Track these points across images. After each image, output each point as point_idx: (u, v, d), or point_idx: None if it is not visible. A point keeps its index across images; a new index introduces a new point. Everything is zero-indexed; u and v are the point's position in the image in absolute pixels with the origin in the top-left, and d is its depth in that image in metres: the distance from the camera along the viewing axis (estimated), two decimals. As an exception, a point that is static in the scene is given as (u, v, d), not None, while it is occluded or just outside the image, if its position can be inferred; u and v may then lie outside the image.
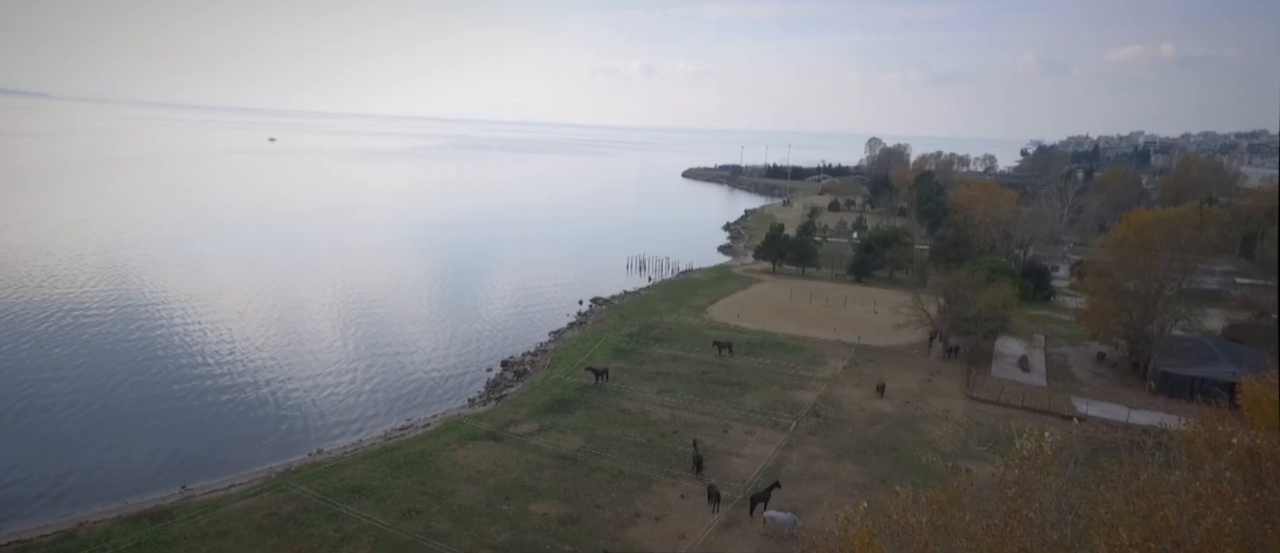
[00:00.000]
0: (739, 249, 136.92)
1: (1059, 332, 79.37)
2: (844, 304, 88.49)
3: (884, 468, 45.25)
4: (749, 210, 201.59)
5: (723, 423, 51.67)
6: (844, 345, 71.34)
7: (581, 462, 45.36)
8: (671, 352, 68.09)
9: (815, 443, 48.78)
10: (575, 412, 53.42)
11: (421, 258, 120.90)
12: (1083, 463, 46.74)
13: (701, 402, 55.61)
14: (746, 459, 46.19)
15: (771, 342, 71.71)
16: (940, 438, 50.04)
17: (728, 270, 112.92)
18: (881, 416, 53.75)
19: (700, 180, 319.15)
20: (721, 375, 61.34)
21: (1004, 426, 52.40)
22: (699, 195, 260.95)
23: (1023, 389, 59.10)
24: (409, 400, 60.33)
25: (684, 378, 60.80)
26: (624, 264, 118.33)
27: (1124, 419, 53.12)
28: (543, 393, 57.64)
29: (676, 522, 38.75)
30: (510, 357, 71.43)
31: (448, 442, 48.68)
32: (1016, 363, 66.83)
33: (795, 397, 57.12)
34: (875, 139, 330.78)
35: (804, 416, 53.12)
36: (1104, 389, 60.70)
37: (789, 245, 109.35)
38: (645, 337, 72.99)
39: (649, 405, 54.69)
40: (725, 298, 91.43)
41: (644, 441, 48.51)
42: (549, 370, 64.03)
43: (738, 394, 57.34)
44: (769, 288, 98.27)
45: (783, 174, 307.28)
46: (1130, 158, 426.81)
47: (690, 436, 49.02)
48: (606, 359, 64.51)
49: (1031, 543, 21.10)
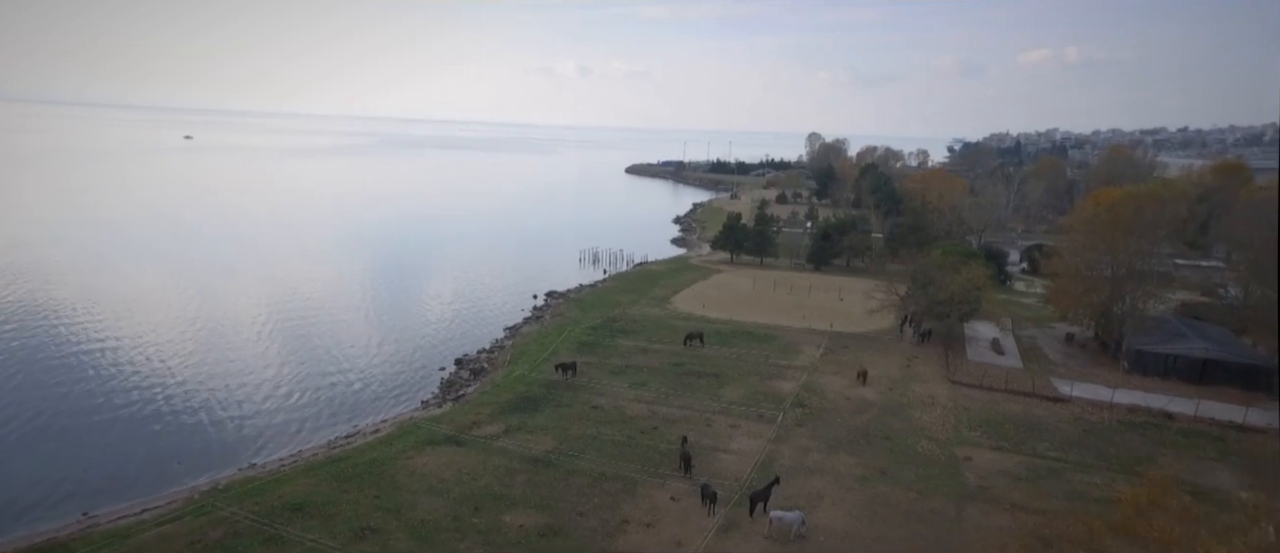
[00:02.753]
0: (693, 240, 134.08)
1: (1022, 315, 78.96)
2: (808, 292, 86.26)
3: (881, 459, 42.39)
4: (697, 204, 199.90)
5: (704, 417, 48.00)
6: (816, 333, 68.79)
7: (556, 465, 40.89)
8: (639, 344, 64.10)
9: (805, 435, 45.61)
10: (543, 410, 48.84)
11: (358, 257, 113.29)
12: (1076, 445, 45.14)
13: (678, 395, 51.83)
14: (735, 455, 42.61)
15: (742, 331, 68.54)
16: (931, 425, 47.61)
17: (685, 261, 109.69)
18: (867, 403, 51.08)
19: (644, 176, 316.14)
20: (696, 367, 57.72)
21: (992, 409, 50.59)
22: (645, 190, 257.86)
23: (1001, 372, 57.54)
24: (354, 405, 54.60)
25: (656, 371, 56.89)
26: (577, 257, 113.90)
27: (1109, 399, 51.98)
28: (506, 391, 52.79)
29: (670, 527, 34.79)
30: (465, 355, 66.16)
31: (403, 448, 43.45)
32: (990, 346, 65.59)
33: (776, 387, 53.95)
34: (815, 135, 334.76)
35: (789, 406, 49.94)
36: (1078, 370, 59.79)
37: (747, 235, 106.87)
38: (609, 329, 68.77)
39: (623, 401, 50.56)
40: (687, 288, 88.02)
41: (622, 439, 44.37)
42: (510, 367, 59.15)
43: (716, 386, 53.80)
44: (730, 277, 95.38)
45: (726, 169, 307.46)
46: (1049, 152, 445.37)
47: (673, 432, 45.18)
48: (572, 353, 60.08)
49: None
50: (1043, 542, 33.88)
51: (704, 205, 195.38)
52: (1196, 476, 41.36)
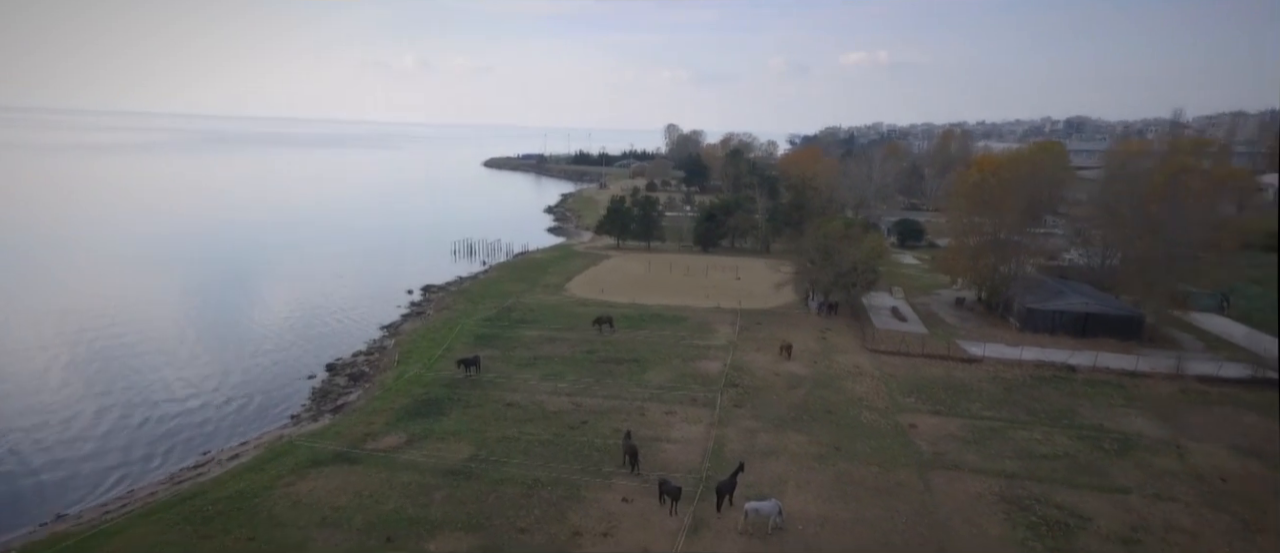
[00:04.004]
0: (571, 229, 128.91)
1: (908, 284, 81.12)
2: (705, 273, 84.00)
3: (830, 434, 39.87)
4: (566, 195, 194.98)
5: (635, 406, 43.40)
6: (725, 312, 66.25)
7: (479, 475, 34.67)
8: (544, 333, 58.32)
9: (747, 415, 42.29)
10: (450, 413, 42.09)
11: (181, 267, 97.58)
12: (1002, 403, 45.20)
13: (600, 384, 46.87)
14: (680, 444, 38.40)
15: (649, 314, 64.58)
16: (867, 395, 46.00)
17: (569, 249, 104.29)
18: (799, 378, 48.78)
19: (504, 170, 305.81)
20: (611, 353, 52.97)
21: (915, 375, 49.99)
22: (507, 183, 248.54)
23: (911, 338, 57.66)
24: (200, 429, 44.92)
25: (570, 360, 51.55)
26: (450, 250, 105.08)
27: (1017, 357, 53.19)
28: (400, 395, 45.32)
29: (630, 533, 29.91)
30: (338, 359, 57.29)
31: (278, 474, 35.36)
32: (891, 314, 66.13)
33: (702, 368, 50.42)
34: (673, 126, 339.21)
35: (723, 387, 46.50)
36: (977, 331, 61.33)
37: (633, 219, 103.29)
38: (506, 320, 62.34)
39: (540, 395, 44.83)
40: (580, 275, 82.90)
41: (550, 437, 38.78)
42: (399, 367, 51.35)
43: (638, 372, 49.37)
44: (621, 262, 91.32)
45: (589, 161, 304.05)
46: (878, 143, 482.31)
47: (604, 425, 40.27)
48: (470, 348, 53.26)
49: None
50: (1015, 504, 32.50)
51: (573, 196, 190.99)
52: (1115, 422, 42.41)
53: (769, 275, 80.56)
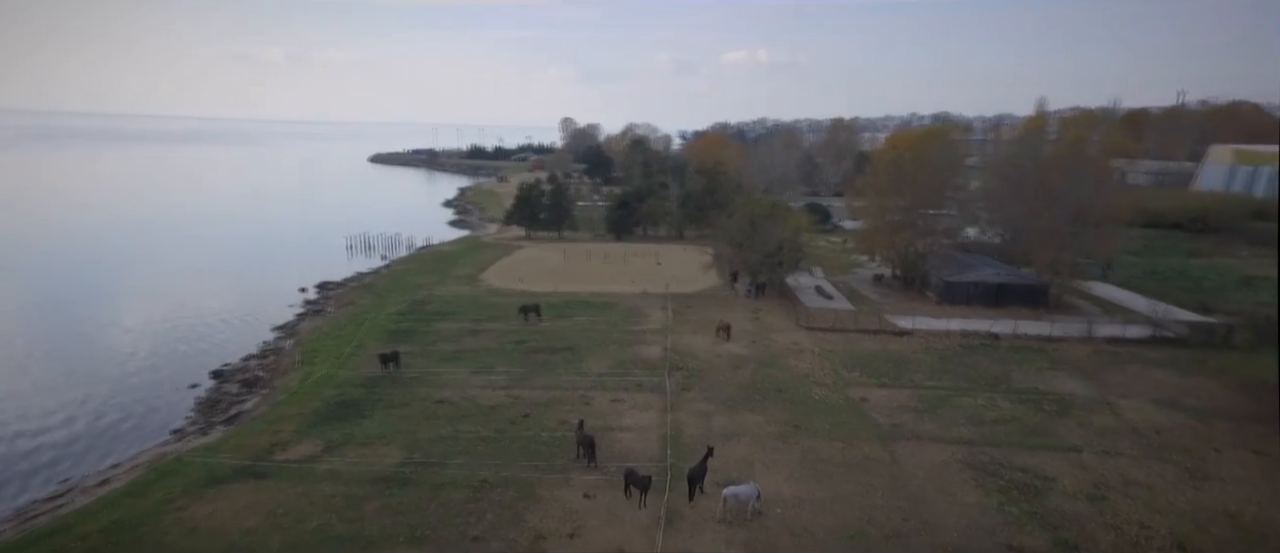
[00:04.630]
0: (475, 221, 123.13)
1: (825, 264, 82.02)
2: (624, 259, 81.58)
3: (785, 412, 38.43)
4: (464, 188, 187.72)
5: (578, 395, 40.35)
6: (653, 296, 64.10)
7: (416, 480, 30.63)
8: (465, 325, 53.99)
9: (697, 398, 40.19)
10: (372, 414, 37.48)
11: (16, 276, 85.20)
12: (941, 372, 45.51)
13: (537, 376, 43.44)
14: (634, 431, 35.75)
15: (576, 302, 61.42)
16: (812, 371, 45.05)
17: (477, 240, 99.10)
18: (742, 358, 47.26)
19: (393, 165, 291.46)
20: (543, 343, 49.53)
21: (853, 349, 49.69)
22: (398, 179, 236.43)
23: (842, 315, 57.69)
24: (58, 454, 38.02)
25: (499, 352, 47.73)
26: (344, 246, 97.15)
27: (944, 328, 54.13)
28: (308, 399, 40.08)
29: (599, 532, 27.00)
30: (226, 365, 50.64)
31: (165, 497, 29.97)
32: (816, 292, 66.23)
33: (641, 353, 47.95)
34: (569, 120, 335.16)
35: (668, 371, 44.20)
36: (900, 305, 62.28)
37: (543, 208, 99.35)
38: (421, 313, 57.42)
39: (472, 389, 40.89)
40: (494, 265, 78.44)
41: (491, 434, 35.11)
42: (304, 369, 45.75)
43: (575, 360, 46.27)
44: (536, 252, 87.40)
45: (485, 155, 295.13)
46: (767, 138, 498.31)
47: (548, 417, 37.04)
48: (385, 344, 48.32)
49: None
50: (981, 469, 32.09)
51: (472, 190, 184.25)
52: (1047, 384, 43.49)
53: (690, 260, 79.31)
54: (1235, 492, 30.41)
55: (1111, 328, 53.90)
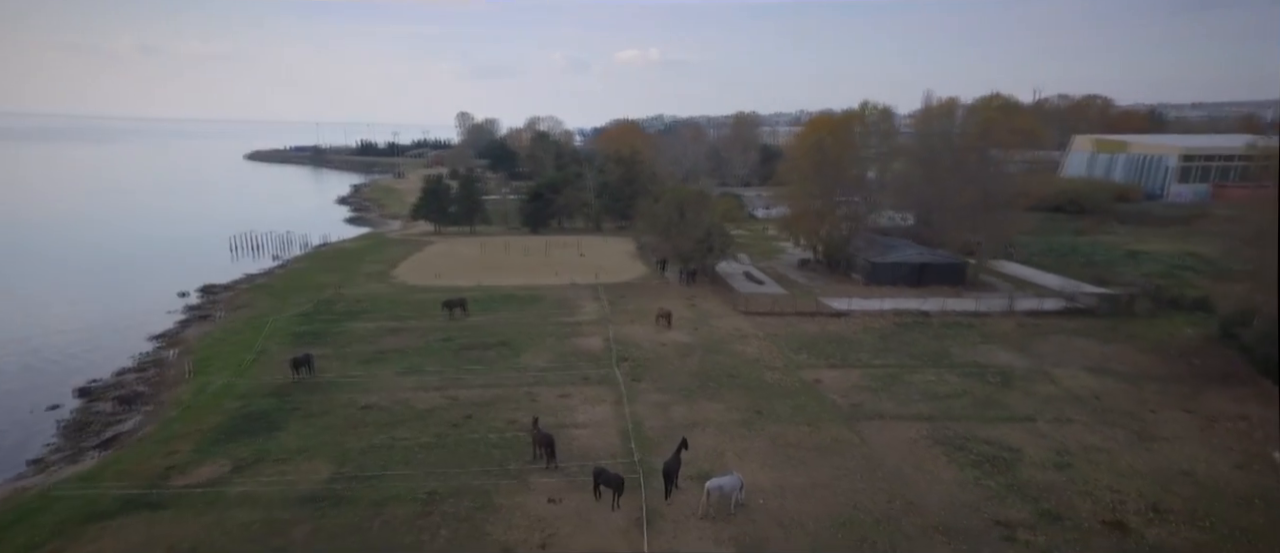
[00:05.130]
0: (376, 218, 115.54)
1: (747, 250, 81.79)
2: (545, 252, 78.12)
3: (744, 398, 36.84)
4: (357, 185, 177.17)
5: (522, 392, 37.18)
6: (583, 287, 61.30)
7: (350, 497, 26.70)
8: (382, 324, 49.31)
9: (651, 389, 37.93)
10: (287, 426, 32.86)
11: None
12: (884, 350, 45.44)
13: (472, 373, 39.84)
14: (591, 427, 33.06)
15: (501, 296, 57.71)
16: (761, 355, 43.79)
17: (381, 237, 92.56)
18: (687, 346, 45.41)
19: (273, 163, 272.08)
20: (473, 339, 45.80)
21: (796, 332, 48.96)
22: (281, 177, 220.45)
23: (776, 299, 57.09)
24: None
25: (426, 351, 43.65)
26: (227, 246, 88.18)
27: (878, 308, 54.47)
28: (207, 413, 34.80)
29: (574, 539, 24.24)
30: (93, 381, 43.75)
31: (32, 541, 24.79)
32: (746, 278, 65.53)
33: (581, 345, 45.17)
34: (465, 115, 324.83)
35: (615, 362, 41.69)
36: (829, 287, 62.43)
37: (452, 201, 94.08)
38: (330, 313, 52.13)
39: (402, 392, 36.84)
40: (405, 261, 73.10)
41: (431, 439, 31.45)
42: (197, 379, 39.93)
43: (511, 356, 42.92)
44: (450, 246, 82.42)
45: (376, 151, 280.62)
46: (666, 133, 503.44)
47: (493, 417, 33.77)
48: (293, 347, 43.19)
49: None
50: (948, 445, 31.59)
51: (367, 186, 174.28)
52: (985, 357, 44.20)
53: (613, 250, 77.07)
54: (1182, 451, 31.32)
55: (1029, 302, 55.97)
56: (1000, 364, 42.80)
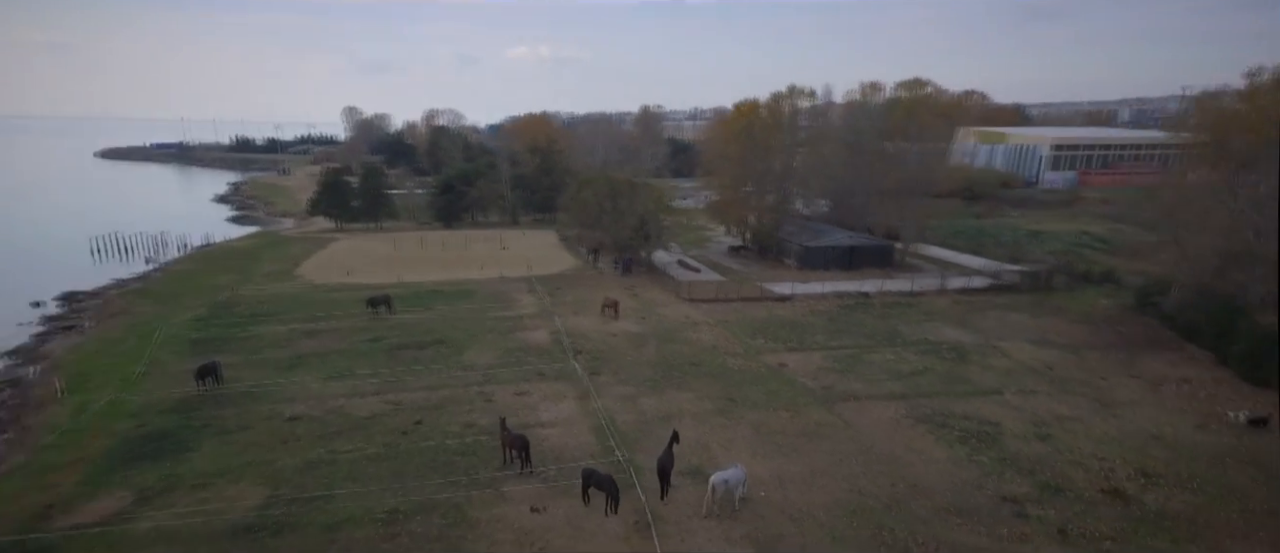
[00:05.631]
0: (264, 216, 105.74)
1: (674, 240, 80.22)
2: (464, 246, 73.39)
3: (713, 386, 34.88)
4: (235, 183, 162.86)
5: (474, 392, 33.59)
6: (513, 281, 57.55)
7: (295, 524, 22.56)
8: (296, 326, 43.92)
9: (613, 382, 35.26)
10: (199, 446, 27.88)
11: None
12: (838, 332, 44.88)
13: (412, 375, 35.75)
14: (559, 426, 30.04)
15: (426, 291, 53.18)
16: (718, 343, 42.01)
17: (274, 235, 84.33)
18: (640, 336, 43.00)
19: (133, 161, 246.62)
20: (405, 338, 41.49)
21: (746, 318, 47.62)
22: (142, 176, 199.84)
23: (723, 285, 55.70)
24: None
25: (353, 353, 39.00)
26: (88, 250, 77.55)
27: (820, 291, 54.11)
28: (93, 436, 29.12)
29: (570, 549, 21.30)
30: (-66, 407, 36.11)
31: None
32: (681, 266, 63.87)
33: (528, 340, 41.81)
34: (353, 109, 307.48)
35: (571, 356, 38.67)
36: (765, 273, 61.71)
37: (355, 196, 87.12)
38: (229, 318, 46.06)
39: (335, 400, 32.37)
40: (310, 259, 66.58)
41: (379, 451, 27.47)
42: (74, 398, 33.53)
43: (452, 354, 39.04)
44: (356, 243, 75.99)
45: (254, 148, 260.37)
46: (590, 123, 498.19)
47: (447, 420, 30.15)
48: (191, 356, 37.40)
49: None
50: (929, 422, 30.86)
51: (247, 184, 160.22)
52: (934, 335, 44.43)
53: (537, 242, 73.57)
54: (1144, 415, 32.02)
55: (959, 281, 57.36)
56: (950, 341, 43.04)
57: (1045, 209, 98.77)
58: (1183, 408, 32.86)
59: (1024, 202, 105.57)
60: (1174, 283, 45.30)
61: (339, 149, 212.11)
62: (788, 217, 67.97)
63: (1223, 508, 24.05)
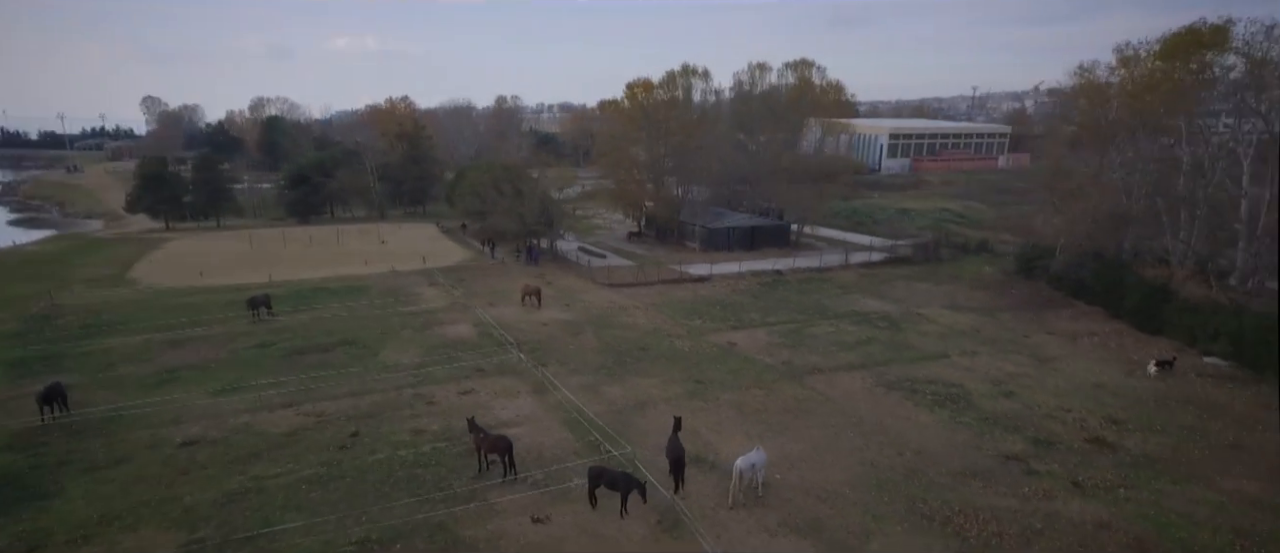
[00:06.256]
0: (59, 218, 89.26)
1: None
2: (336, 241, 65.37)
3: (673, 369, 32.49)
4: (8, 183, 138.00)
5: (410, 395, 28.83)
6: (406, 274, 51.65)
7: (231, 575, 17.38)
8: (153, 337, 36.13)
9: (565, 372, 31.83)
10: (61, 488, 21.39)
11: None
12: (770, 309, 44.18)
13: (327, 382, 30.22)
14: (525, 424, 26.28)
15: (307, 290, 46.26)
16: (659, 326, 39.60)
17: (83, 237, 71.10)
18: (573, 324, 39.63)
19: None
20: (305, 342, 35.36)
21: (670, 300, 45.67)
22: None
23: (642, 269, 53.46)
24: None
25: (243, 362, 32.49)
26: None
27: (735, 270, 53.38)
28: (-106, 493, 21.29)
29: None
30: None
31: None
32: (584, 253, 60.77)
33: (449, 334, 37.11)
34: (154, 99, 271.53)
35: (510, 347, 34.56)
36: (671, 256, 60.05)
37: (187, 189, 75.27)
38: (52, 332, 37.15)
39: (236, 416, 26.38)
40: (141, 261, 56.29)
41: (317, 472, 22.40)
42: None
43: (366, 355, 33.69)
44: (200, 242, 65.54)
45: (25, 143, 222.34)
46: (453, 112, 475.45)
47: (392, 429, 25.52)
48: (13, 380, 29.22)
49: None
50: (899, 388, 30.46)
51: (27, 183, 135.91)
52: (859, 306, 44.91)
53: (416, 235, 67.29)
54: (1079, 367, 33.65)
55: (861, 256, 59.07)
56: (877, 311, 43.62)
57: (895, 191, 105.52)
58: (1105, 358, 35.00)
59: (874, 185, 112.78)
60: (1058, 247, 49.03)
61: (143, 143, 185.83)
62: (686, 200, 66.87)
63: (1191, 446, 25.25)
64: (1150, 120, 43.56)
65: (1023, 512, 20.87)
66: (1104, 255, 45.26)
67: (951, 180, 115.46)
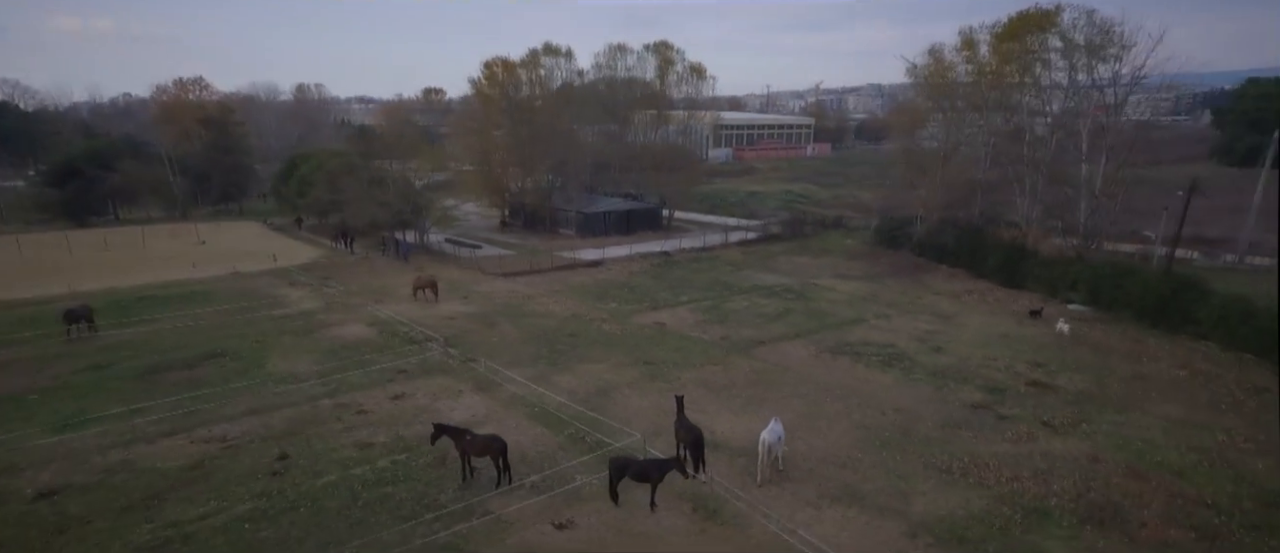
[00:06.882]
0: None
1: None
2: (143, 243, 54.48)
3: (616, 354, 30.29)
4: None
5: (331, 406, 24.03)
6: (255, 276, 44.05)
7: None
8: None
9: (500, 366, 28.39)
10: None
11: None
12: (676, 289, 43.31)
13: (214, 402, 24.38)
14: (489, 424, 22.75)
15: (134, 300, 37.76)
16: (577, 311, 36.98)
17: None
18: (483, 316, 35.85)
19: None
20: (156, 359, 28.62)
21: (574, 286, 43.23)
22: None
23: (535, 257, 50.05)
24: None
25: (80, 388, 25.51)
26: None
27: (625, 254, 51.85)
28: None
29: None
30: None
31: None
32: (457, 245, 55.98)
33: (344, 335, 31.85)
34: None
35: (428, 345, 30.19)
36: (549, 243, 57.15)
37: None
38: None
39: (109, 454, 20.38)
40: None
41: (256, 506, 17.68)
42: None
43: (250, 368, 27.88)
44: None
45: None
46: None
47: (331, 445, 21.02)
48: None
49: None
50: (846, 354, 30.73)
51: None
52: (760, 281, 45.22)
53: (241, 234, 58.24)
54: (981, 321, 36.10)
55: (738, 235, 60.05)
56: (777, 284, 44.19)
57: (731, 177, 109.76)
58: (993, 312, 38.02)
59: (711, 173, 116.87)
60: (918, 217, 53.08)
61: None
62: (557, 185, 64.14)
63: (1110, 381, 27.71)
64: (997, 96, 48.38)
65: (1021, 455, 21.48)
66: (961, 222, 49.65)
67: (777, 167, 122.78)
